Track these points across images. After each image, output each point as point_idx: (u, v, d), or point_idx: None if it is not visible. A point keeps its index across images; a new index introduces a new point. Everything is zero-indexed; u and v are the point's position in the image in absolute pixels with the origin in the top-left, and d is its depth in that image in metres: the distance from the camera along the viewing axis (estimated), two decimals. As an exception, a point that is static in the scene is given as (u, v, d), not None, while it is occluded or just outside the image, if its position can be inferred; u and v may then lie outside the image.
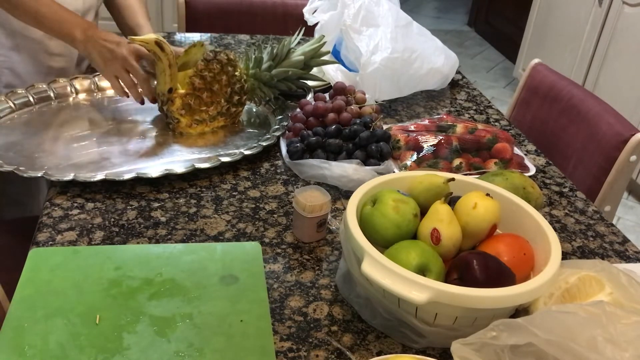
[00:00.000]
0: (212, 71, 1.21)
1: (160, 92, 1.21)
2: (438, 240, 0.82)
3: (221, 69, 1.21)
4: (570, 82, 1.56)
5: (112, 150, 1.16)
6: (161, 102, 1.22)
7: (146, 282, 0.86)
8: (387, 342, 0.80)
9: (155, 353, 0.75)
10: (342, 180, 1.10)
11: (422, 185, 0.90)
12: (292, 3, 2.01)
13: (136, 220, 0.99)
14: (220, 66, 1.21)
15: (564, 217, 1.12)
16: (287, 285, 0.88)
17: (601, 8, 2.86)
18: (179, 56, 1.22)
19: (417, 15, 4.87)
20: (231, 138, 1.25)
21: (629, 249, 1.04)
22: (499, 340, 0.65)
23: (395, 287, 0.73)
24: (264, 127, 1.30)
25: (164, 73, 1.19)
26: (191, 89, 1.21)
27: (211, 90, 1.22)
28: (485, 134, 1.22)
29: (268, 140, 1.20)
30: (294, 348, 0.78)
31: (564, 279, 0.78)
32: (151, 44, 1.15)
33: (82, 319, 0.78)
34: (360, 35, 1.42)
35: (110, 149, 1.17)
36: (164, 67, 1.18)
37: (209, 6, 1.97)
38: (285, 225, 1.01)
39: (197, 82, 1.20)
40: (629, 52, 2.69)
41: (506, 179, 1.00)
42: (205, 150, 1.19)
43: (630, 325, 0.64)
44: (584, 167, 1.41)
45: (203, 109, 1.23)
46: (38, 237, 0.93)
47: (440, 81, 1.53)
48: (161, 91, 1.21)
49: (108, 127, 1.25)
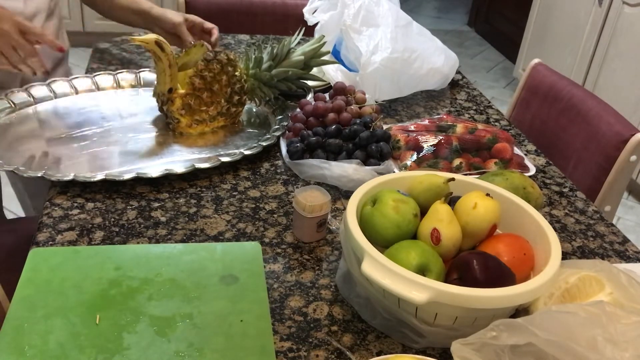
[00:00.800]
0: (212, 71, 1.21)
1: (161, 92, 1.21)
2: (438, 240, 0.82)
3: (221, 69, 1.21)
4: (570, 82, 1.56)
5: (111, 150, 1.16)
6: (161, 102, 1.22)
7: (146, 282, 0.86)
8: (387, 342, 0.80)
9: (155, 353, 0.75)
10: (342, 180, 1.10)
11: (422, 185, 0.90)
12: (292, 3, 2.01)
13: (136, 220, 0.99)
14: (221, 66, 1.21)
15: (564, 217, 1.12)
16: (287, 285, 0.88)
17: (601, 8, 2.86)
18: (180, 56, 1.22)
19: (417, 15, 4.87)
20: (231, 138, 1.25)
21: (629, 249, 1.04)
22: (499, 340, 0.65)
23: (395, 287, 0.73)
24: (263, 127, 1.30)
25: (164, 73, 1.19)
26: (191, 89, 1.21)
27: (211, 90, 1.22)
28: (485, 134, 1.22)
29: (268, 140, 1.20)
30: (294, 348, 0.78)
31: (564, 279, 0.78)
32: (151, 44, 1.15)
33: (82, 319, 0.78)
34: (360, 35, 1.42)
35: (109, 149, 1.16)
36: (164, 67, 1.18)
37: (209, 6, 1.97)
38: (285, 225, 1.01)
39: (197, 82, 1.20)
40: (629, 52, 2.69)
41: (506, 179, 1.00)
42: (205, 150, 1.19)
43: (630, 325, 0.64)
44: (584, 167, 1.41)
45: (203, 109, 1.23)
46: (38, 237, 0.93)
47: (440, 81, 1.53)
48: (161, 91, 1.21)
49: (108, 126, 1.24)
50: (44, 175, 1.03)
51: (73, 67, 1.57)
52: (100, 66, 1.52)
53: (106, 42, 1.66)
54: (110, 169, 1.09)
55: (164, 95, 1.21)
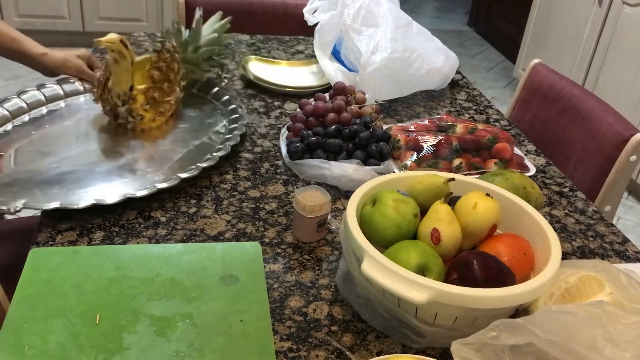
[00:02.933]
0: (165, 61, 1.22)
1: (122, 91, 1.19)
2: (438, 240, 0.82)
3: (171, 57, 1.23)
4: (570, 82, 1.56)
5: (75, 170, 1.08)
6: (122, 102, 1.19)
7: (146, 282, 0.86)
8: (387, 342, 0.80)
9: (155, 353, 0.75)
10: (342, 180, 1.10)
11: (422, 185, 0.90)
12: (292, 3, 2.01)
13: (136, 220, 0.99)
14: (170, 54, 1.23)
15: (564, 217, 1.12)
16: (287, 285, 0.88)
17: (601, 8, 2.86)
18: None
19: (417, 15, 4.88)
20: (183, 123, 1.28)
21: (629, 249, 1.04)
22: (499, 340, 0.65)
23: (395, 287, 0.73)
24: (198, 105, 1.34)
25: (127, 71, 1.18)
26: (151, 82, 1.21)
27: (169, 80, 1.23)
28: (485, 134, 1.22)
29: (234, 130, 1.21)
30: (294, 348, 0.78)
31: (564, 279, 0.78)
32: (117, 43, 1.15)
33: (82, 319, 0.78)
34: (360, 35, 1.42)
35: (73, 169, 1.08)
36: (127, 65, 1.17)
37: (209, 6, 1.96)
38: (285, 225, 1.01)
39: (156, 74, 1.21)
40: (629, 52, 2.69)
41: (506, 179, 1.00)
42: (179, 142, 1.20)
43: (630, 325, 0.64)
44: (584, 167, 1.41)
45: (166, 99, 1.24)
46: (38, 237, 0.93)
47: (440, 81, 1.53)
48: (122, 91, 1.19)
49: (67, 150, 1.15)
50: (25, 206, 0.96)
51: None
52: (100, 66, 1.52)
53: (106, 42, 1.66)
54: (90, 190, 1.03)
55: (125, 94, 1.19)
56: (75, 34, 3.53)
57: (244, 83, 1.51)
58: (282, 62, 1.62)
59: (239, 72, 1.56)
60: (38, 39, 1.35)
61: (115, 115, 1.22)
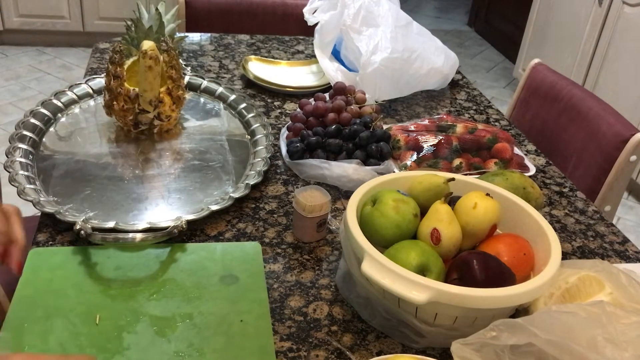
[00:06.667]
0: (174, 58, 1.21)
1: (154, 97, 1.16)
2: (438, 240, 0.82)
3: (174, 52, 1.22)
4: (570, 82, 1.56)
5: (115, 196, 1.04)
6: (154, 107, 1.17)
7: (146, 282, 0.86)
8: (387, 342, 0.80)
9: (155, 353, 0.75)
10: (342, 180, 1.10)
11: (422, 185, 0.90)
12: (292, 3, 2.01)
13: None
14: (173, 51, 1.22)
15: (564, 217, 1.12)
16: (287, 285, 0.88)
17: (601, 8, 2.85)
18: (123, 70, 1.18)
19: (417, 15, 4.87)
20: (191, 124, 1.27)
21: (629, 249, 1.04)
22: (499, 340, 0.65)
23: (395, 287, 0.73)
24: None
25: (159, 75, 1.14)
26: (172, 81, 1.20)
27: (180, 76, 1.23)
28: (485, 134, 1.22)
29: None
30: (294, 348, 0.78)
31: (564, 279, 0.78)
32: (155, 50, 1.13)
33: (82, 319, 0.78)
34: (360, 35, 1.42)
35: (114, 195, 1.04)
36: (159, 69, 1.14)
37: (209, 6, 1.97)
38: (285, 225, 1.01)
39: (173, 73, 1.20)
40: (629, 52, 2.69)
41: (506, 179, 1.00)
42: (203, 141, 1.20)
43: (630, 325, 0.64)
44: (584, 167, 1.41)
45: (185, 96, 1.25)
46: (38, 237, 0.93)
47: (440, 81, 1.53)
48: (154, 96, 1.16)
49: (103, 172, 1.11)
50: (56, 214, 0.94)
51: (73, 67, 1.55)
52: (100, 66, 1.52)
53: (106, 42, 1.66)
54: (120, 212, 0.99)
55: (156, 99, 1.16)
56: (75, 34, 3.53)
57: (244, 83, 1.51)
58: (282, 62, 1.62)
59: (239, 72, 1.56)
60: (38, 39, 1.35)
61: (136, 123, 1.19)
